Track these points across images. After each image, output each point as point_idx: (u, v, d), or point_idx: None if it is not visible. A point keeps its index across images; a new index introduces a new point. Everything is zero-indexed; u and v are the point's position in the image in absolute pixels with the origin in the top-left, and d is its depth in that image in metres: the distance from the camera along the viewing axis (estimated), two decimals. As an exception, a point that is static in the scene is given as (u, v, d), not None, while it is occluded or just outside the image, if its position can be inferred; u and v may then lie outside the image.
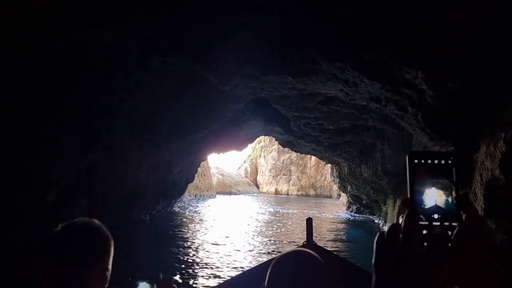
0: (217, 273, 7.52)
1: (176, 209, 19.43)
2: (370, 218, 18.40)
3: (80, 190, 9.00)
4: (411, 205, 0.48)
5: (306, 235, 2.80)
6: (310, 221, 2.88)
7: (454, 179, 0.49)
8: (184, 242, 10.61)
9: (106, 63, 7.59)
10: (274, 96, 9.45)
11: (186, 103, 9.06)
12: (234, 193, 47.21)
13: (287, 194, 54.85)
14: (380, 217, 16.11)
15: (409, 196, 0.49)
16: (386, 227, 0.54)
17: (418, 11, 5.08)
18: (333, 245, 11.10)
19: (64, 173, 8.29)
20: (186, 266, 7.87)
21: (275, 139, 16.72)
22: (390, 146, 10.92)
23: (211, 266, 8.03)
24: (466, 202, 0.48)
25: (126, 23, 6.39)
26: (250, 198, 39.90)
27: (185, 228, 13.55)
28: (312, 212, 23.39)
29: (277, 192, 57.01)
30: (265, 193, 56.93)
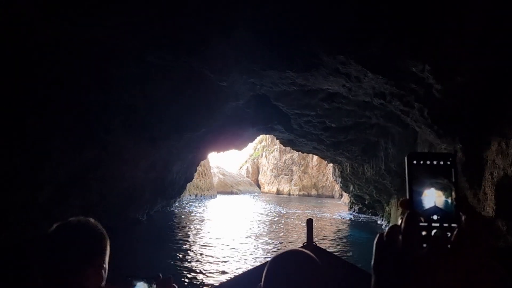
0: (214, 275, 7.29)
1: (175, 208, 19.21)
2: (372, 218, 18.15)
3: (74, 189, 8.76)
4: (411, 206, 0.48)
5: (307, 236, 2.76)
6: (310, 222, 2.84)
7: (453, 180, 0.49)
8: (180, 242, 10.38)
9: (102, 60, 7.33)
10: (274, 92, 9.16)
11: (184, 101, 8.79)
12: (235, 193, 47.07)
13: (289, 194, 54.63)
14: (383, 217, 15.81)
15: (407, 197, 0.49)
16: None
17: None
18: (334, 246, 10.85)
19: (57, 172, 8.03)
20: (181, 268, 7.62)
21: (276, 138, 16.43)
22: (394, 144, 10.60)
23: (208, 268, 7.82)
24: (465, 203, 0.48)
25: (123, 19, 6.14)
26: (251, 198, 39.75)
27: (182, 228, 13.31)
28: (313, 212, 23.13)
29: (278, 192, 56.78)
30: (266, 193, 56.72)
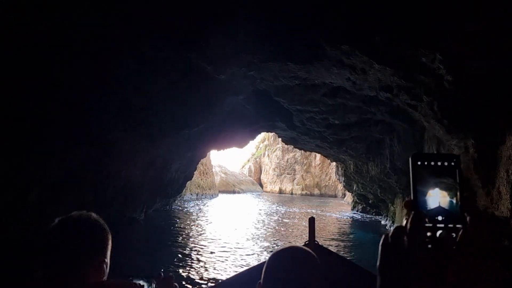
0: (214, 274, 7.03)
1: (175, 207, 18.94)
2: (376, 218, 17.80)
3: (68, 188, 8.46)
4: (416, 206, 0.48)
5: (308, 235, 2.75)
6: (312, 220, 2.80)
7: (458, 181, 0.49)
8: (179, 242, 10.12)
9: (95, 53, 7.01)
10: (274, 87, 8.80)
11: (180, 96, 8.45)
12: (238, 192, 46.88)
13: (291, 193, 54.39)
14: (387, 217, 15.43)
15: (412, 197, 0.49)
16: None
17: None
18: (337, 247, 10.54)
19: (49, 170, 7.73)
20: (178, 267, 7.34)
21: (278, 136, 16.10)
22: (399, 141, 10.22)
23: (208, 267, 7.62)
24: (470, 204, 0.48)
25: (117, 7, 5.83)
26: (253, 197, 39.52)
27: (181, 227, 13.04)
28: (316, 211, 22.80)
29: (281, 191, 56.53)
30: (269, 192, 56.48)
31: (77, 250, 1.12)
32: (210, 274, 7.17)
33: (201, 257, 8.54)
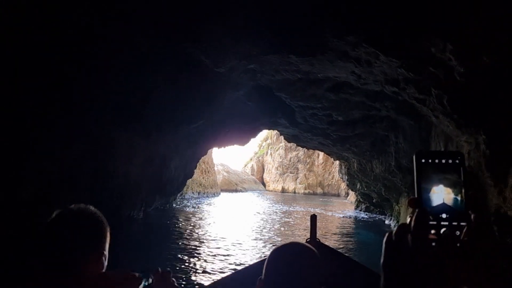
0: (214, 272, 6.86)
1: (175, 206, 18.72)
2: (380, 218, 17.50)
3: (62, 186, 8.23)
4: (420, 204, 0.48)
5: (310, 232, 2.72)
6: (314, 218, 2.77)
7: (462, 179, 0.48)
8: (178, 241, 9.88)
9: (90, 47, 6.77)
10: (276, 81, 8.51)
11: (178, 90, 8.19)
12: (240, 190, 46.70)
13: (294, 192, 54.16)
14: (391, 217, 15.12)
15: (416, 195, 0.48)
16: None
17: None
18: (340, 246, 10.28)
19: (42, 167, 7.50)
20: (176, 265, 7.10)
21: (280, 133, 15.83)
22: (405, 139, 9.90)
23: (208, 265, 7.39)
24: (475, 202, 0.47)
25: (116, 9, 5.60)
26: (255, 196, 39.28)
27: (179, 226, 12.81)
28: (318, 210, 22.54)
29: (283, 190, 56.30)
30: (271, 191, 56.26)
31: (76, 243, 1.12)
32: (210, 271, 7.01)
33: (201, 255, 8.36)
